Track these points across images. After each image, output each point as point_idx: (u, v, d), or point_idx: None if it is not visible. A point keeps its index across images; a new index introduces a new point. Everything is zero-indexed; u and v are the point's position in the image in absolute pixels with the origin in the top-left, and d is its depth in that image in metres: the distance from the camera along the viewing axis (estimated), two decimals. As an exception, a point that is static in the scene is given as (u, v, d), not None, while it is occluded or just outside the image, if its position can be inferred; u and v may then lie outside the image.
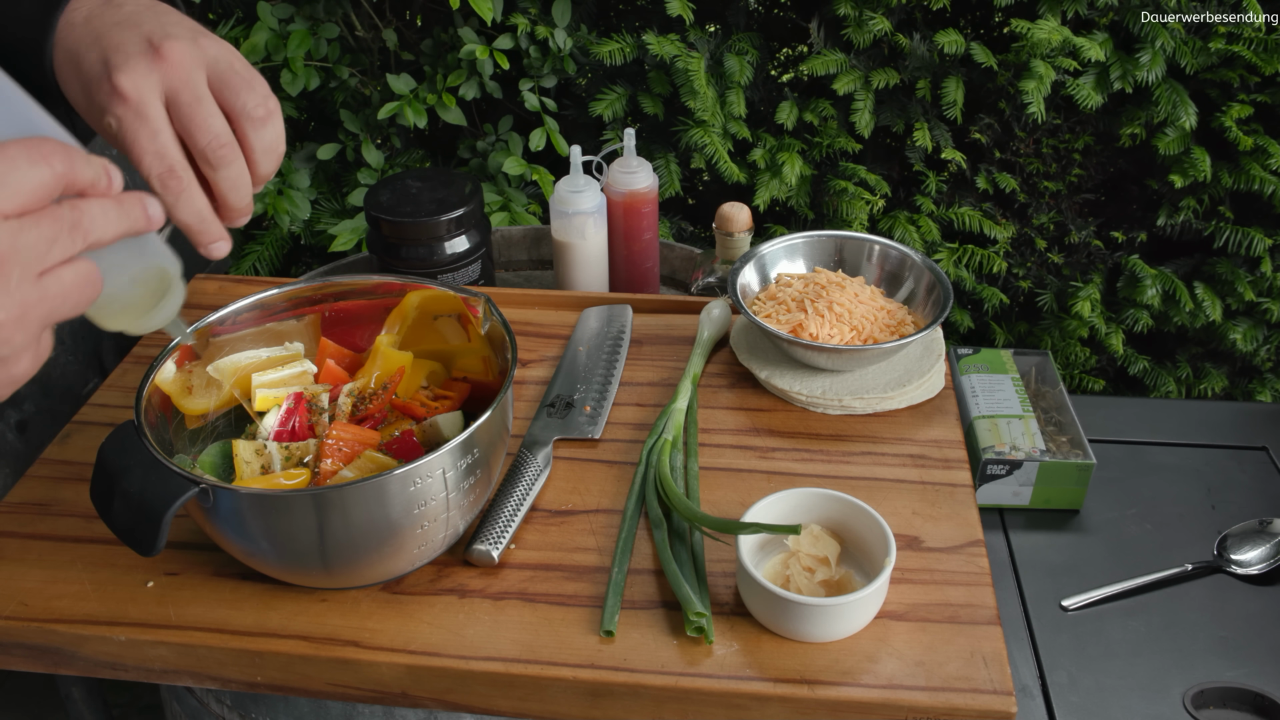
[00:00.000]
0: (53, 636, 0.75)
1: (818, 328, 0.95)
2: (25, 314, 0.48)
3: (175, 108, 0.59)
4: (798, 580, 0.74)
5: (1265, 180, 1.46)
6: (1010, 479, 1.08)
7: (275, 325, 0.85)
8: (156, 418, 0.74)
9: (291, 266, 1.76)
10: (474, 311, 0.83)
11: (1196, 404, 1.30)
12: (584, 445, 0.91)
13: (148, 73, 0.58)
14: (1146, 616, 0.98)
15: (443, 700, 0.73)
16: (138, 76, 0.58)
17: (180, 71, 0.59)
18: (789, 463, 0.89)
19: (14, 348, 0.48)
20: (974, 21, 1.63)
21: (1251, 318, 1.58)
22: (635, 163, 1.15)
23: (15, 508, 0.85)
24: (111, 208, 0.51)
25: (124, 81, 0.57)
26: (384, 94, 1.59)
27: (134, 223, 0.52)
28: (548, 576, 0.78)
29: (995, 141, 1.58)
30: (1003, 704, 0.68)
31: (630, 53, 1.52)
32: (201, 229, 0.61)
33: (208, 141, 0.60)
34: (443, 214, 1.14)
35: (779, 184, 1.54)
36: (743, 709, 0.70)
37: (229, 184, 0.61)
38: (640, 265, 1.20)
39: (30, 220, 0.47)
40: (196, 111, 0.59)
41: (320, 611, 0.75)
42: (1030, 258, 1.64)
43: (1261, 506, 1.10)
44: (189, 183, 0.59)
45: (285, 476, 0.75)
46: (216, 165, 0.61)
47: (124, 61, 0.58)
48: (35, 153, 0.48)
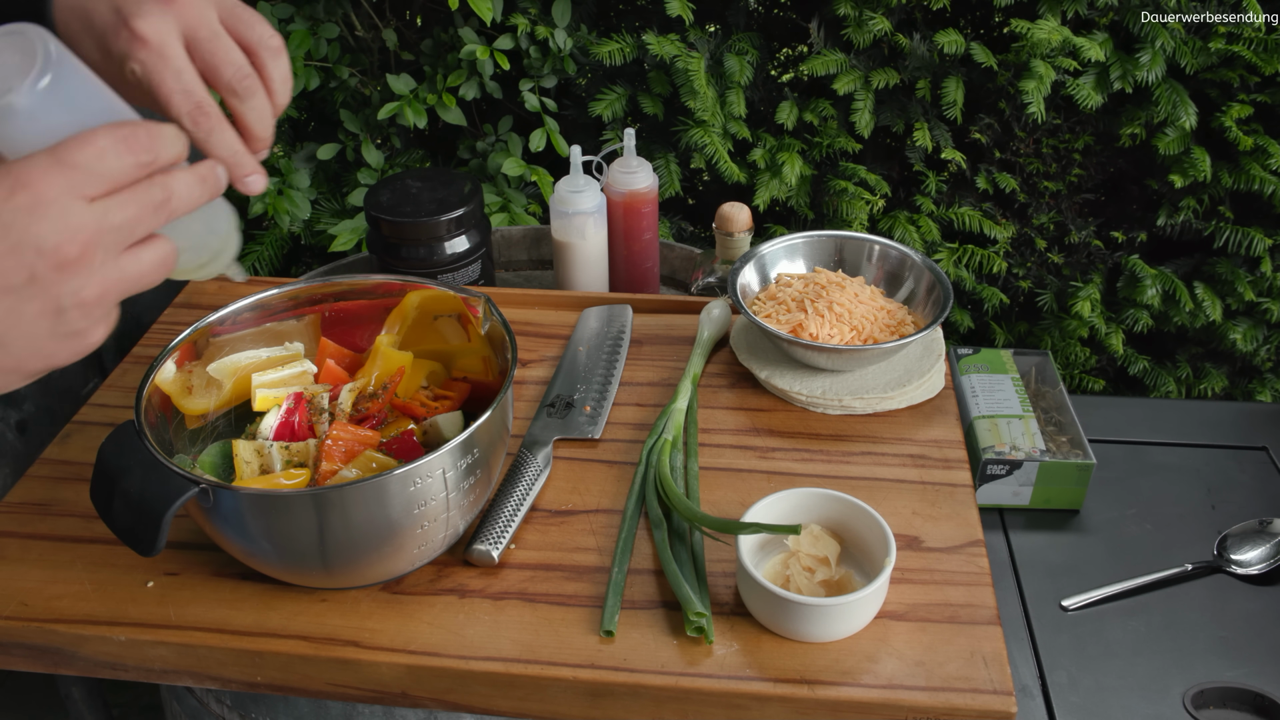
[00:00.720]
0: (53, 636, 0.75)
1: (818, 328, 0.95)
2: (106, 293, 0.51)
3: (195, 44, 0.60)
4: (798, 580, 0.74)
5: (1265, 180, 1.46)
6: (1010, 479, 1.08)
7: (275, 325, 0.85)
8: (156, 418, 0.74)
9: (291, 266, 1.76)
10: (474, 311, 0.83)
11: (1196, 404, 1.30)
12: (584, 445, 0.91)
13: (163, 15, 0.59)
14: (1146, 616, 0.98)
15: (443, 700, 0.73)
16: (155, 19, 0.59)
17: (193, 11, 0.60)
18: (789, 463, 0.89)
19: (92, 320, 0.52)
20: (974, 21, 1.63)
21: (1251, 318, 1.58)
22: (635, 163, 1.15)
23: (15, 508, 0.85)
24: (194, 181, 0.55)
25: (142, 25, 0.58)
26: (384, 94, 1.59)
27: (213, 191, 0.56)
28: (548, 576, 0.78)
29: (995, 141, 1.58)
30: (1003, 704, 0.68)
31: (630, 53, 1.52)
32: (236, 162, 0.62)
33: (232, 73, 0.61)
34: (443, 214, 1.14)
35: (779, 184, 1.54)
36: (743, 709, 0.70)
37: (255, 114, 0.63)
38: (640, 265, 1.20)
39: (117, 202, 0.51)
40: (218, 46, 0.61)
41: (320, 611, 0.75)
42: (1030, 258, 1.64)
43: (1261, 506, 1.10)
44: (218, 117, 0.61)
45: (285, 476, 0.75)
46: (244, 96, 0.62)
47: (138, 8, 0.59)
48: (123, 141, 0.51)
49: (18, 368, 0.52)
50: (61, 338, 0.51)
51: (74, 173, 0.49)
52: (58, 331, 0.51)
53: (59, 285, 0.50)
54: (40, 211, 0.49)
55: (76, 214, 0.49)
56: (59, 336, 0.51)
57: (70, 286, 0.50)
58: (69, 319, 0.51)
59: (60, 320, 0.51)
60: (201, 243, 0.61)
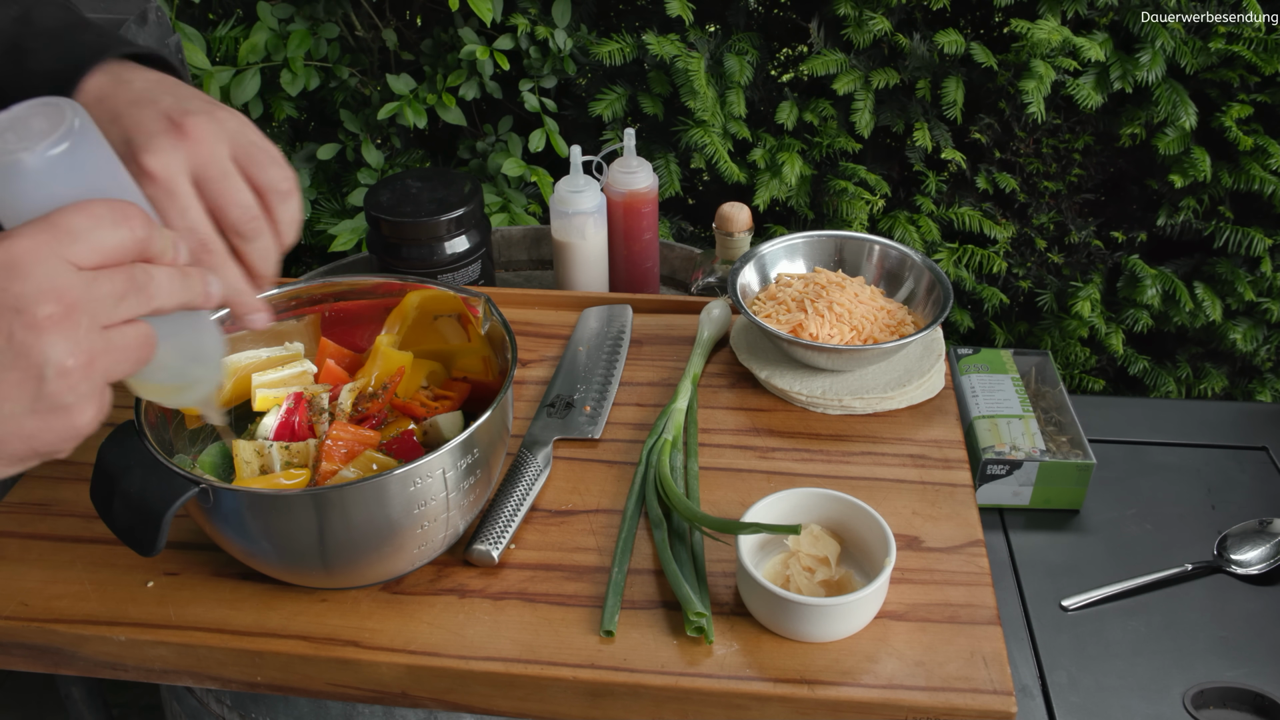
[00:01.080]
0: (53, 636, 0.75)
1: (818, 328, 0.95)
2: (91, 362, 0.48)
3: (204, 183, 0.60)
4: (798, 580, 0.74)
5: (1265, 180, 1.46)
6: (1010, 479, 1.08)
7: (275, 325, 0.85)
8: (156, 418, 0.74)
9: (291, 266, 1.76)
10: (474, 311, 0.83)
11: (1196, 404, 1.30)
12: (584, 445, 0.91)
13: (173, 151, 0.59)
14: (1146, 616, 0.98)
15: (443, 700, 0.73)
16: (164, 155, 0.58)
17: (205, 148, 0.60)
18: (789, 463, 0.89)
19: (79, 396, 0.49)
20: (974, 21, 1.63)
21: (1251, 318, 1.58)
22: (635, 163, 1.15)
23: (15, 508, 0.85)
24: (178, 278, 0.52)
25: (151, 162, 0.58)
26: (384, 94, 1.59)
27: (195, 295, 0.53)
28: (548, 576, 0.78)
29: (995, 141, 1.58)
30: (1003, 704, 0.68)
31: (630, 53, 1.52)
32: (239, 300, 0.62)
33: (238, 214, 0.61)
34: (443, 214, 1.14)
35: (779, 184, 1.54)
36: (743, 709, 0.70)
37: (259, 255, 0.63)
38: (640, 265, 1.20)
39: (105, 275, 0.49)
40: (226, 187, 0.60)
41: (320, 611, 0.75)
42: (1030, 258, 1.64)
43: (1261, 506, 1.10)
44: (222, 255, 0.60)
45: (285, 476, 0.75)
46: (250, 237, 0.62)
47: (148, 141, 0.58)
48: (119, 214, 0.49)
49: None
50: (45, 413, 0.48)
51: (64, 237, 0.47)
52: (40, 405, 0.48)
53: (38, 348, 0.46)
54: (21, 271, 0.46)
55: (61, 275, 0.47)
56: (42, 411, 0.48)
57: (52, 351, 0.47)
58: (52, 390, 0.47)
59: (42, 391, 0.47)
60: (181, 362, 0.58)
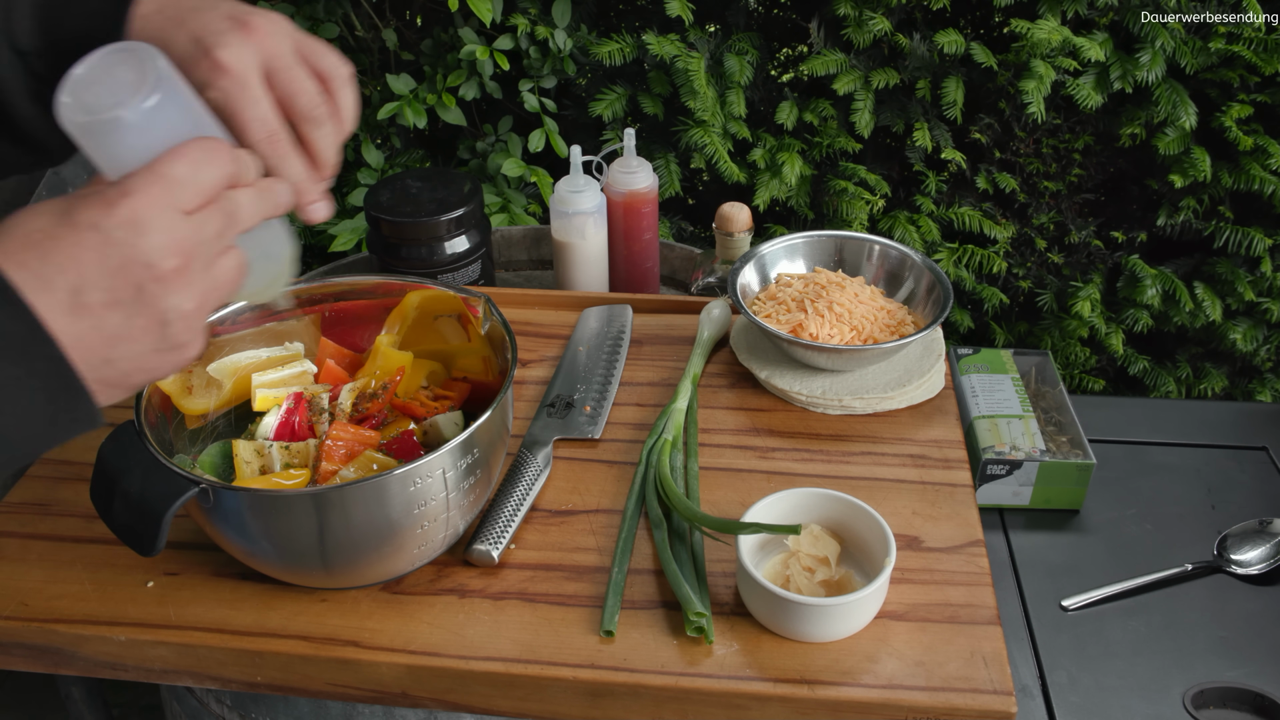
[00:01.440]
0: (53, 636, 0.75)
1: (818, 328, 0.95)
2: (205, 304, 0.53)
3: (273, 74, 0.62)
4: (798, 580, 0.74)
5: (1265, 180, 1.46)
6: (1010, 479, 1.08)
7: (275, 325, 0.85)
8: (156, 418, 0.74)
9: (291, 266, 1.76)
10: (474, 311, 0.83)
11: (1196, 404, 1.30)
12: (584, 445, 0.91)
13: (243, 45, 0.60)
14: (1146, 616, 0.98)
15: (443, 700, 0.73)
16: (236, 49, 0.60)
17: (271, 41, 0.62)
18: (789, 463, 0.89)
19: (194, 332, 0.53)
20: (974, 21, 1.63)
21: (1251, 318, 1.58)
22: (635, 163, 1.15)
23: (15, 508, 0.85)
24: (256, 196, 0.56)
25: (225, 56, 0.60)
26: (384, 94, 1.59)
27: (275, 207, 0.58)
28: (548, 576, 0.78)
29: (995, 141, 1.58)
30: (1003, 704, 0.68)
31: (630, 53, 1.52)
32: (304, 188, 0.63)
33: (307, 101, 0.63)
34: (443, 214, 1.14)
35: (779, 184, 1.54)
36: (743, 709, 0.70)
37: (326, 141, 0.64)
38: (640, 265, 1.20)
39: (207, 215, 0.53)
40: (294, 76, 0.62)
41: (320, 611, 0.75)
42: (1030, 258, 1.64)
43: (1261, 506, 1.10)
44: (289, 145, 0.62)
45: (285, 476, 0.75)
46: (317, 123, 0.64)
47: (218, 38, 0.60)
48: (212, 153, 0.53)
49: (122, 381, 0.52)
50: (165, 350, 0.52)
51: (173, 186, 0.51)
52: (163, 345, 0.52)
53: (164, 298, 0.51)
54: (144, 227, 0.50)
55: (179, 227, 0.51)
56: (163, 350, 0.52)
57: (175, 300, 0.51)
58: (173, 331, 0.52)
59: (165, 333, 0.52)
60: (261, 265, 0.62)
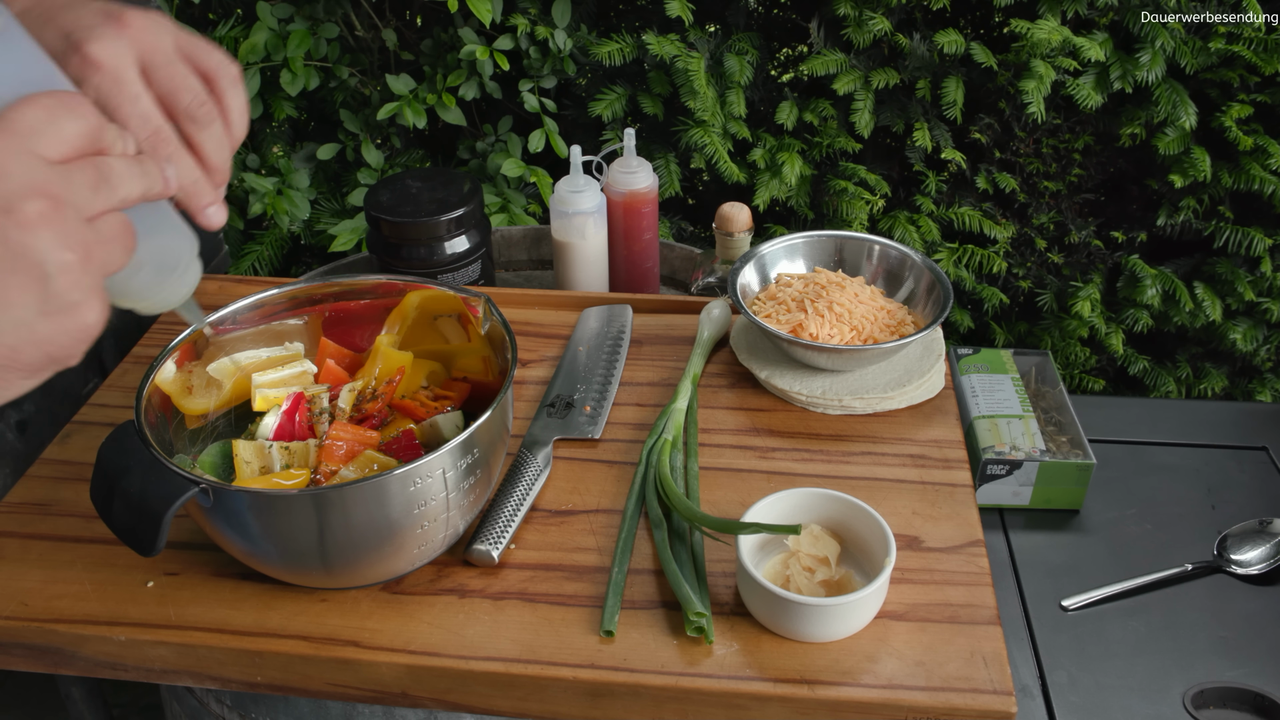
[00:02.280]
0: (53, 636, 0.75)
1: (818, 328, 0.95)
2: (88, 255, 0.48)
3: (151, 70, 0.58)
4: (798, 580, 0.74)
5: (1265, 180, 1.46)
6: (1010, 479, 1.08)
7: (275, 325, 0.85)
8: (156, 418, 0.74)
9: (291, 266, 1.76)
10: (474, 311, 0.83)
11: (1196, 404, 1.30)
12: (584, 445, 0.91)
13: (117, 39, 0.57)
14: (1146, 616, 0.98)
15: (443, 700, 0.73)
16: (109, 42, 0.57)
17: (148, 36, 0.59)
18: (789, 463, 0.89)
19: (84, 291, 0.48)
20: (974, 21, 1.63)
21: (1251, 318, 1.58)
22: (635, 163, 1.15)
23: (15, 508, 0.85)
24: (134, 165, 0.51)
25: (96, 49, 0.57)
26: (384, 94, 1.59)
27: (154, 183, 0.52)
28: (548, 576, 0.78)
29: (995, 141, 1.58)
30: (1003, 704, 0.68)
31: (630, 53, 1.52)
32: (195, 190, 0.60)
33: (190, 100, 0.59)
34: (443, 214, 1.14)
35: (779, 184, 1.54)
36: (743, 709, 0.70)
37: (214, 143, 0.61)
38: (640, 265, 1.20)
39: (75, 166, 0.48)
40: (174, 72, 0.59)
41: (320, 611, 0.75)
42: (1030, 258, 1.64)
43: (1261, 506, 1.10)
44: (176, 144, 0.59)
45: (285, 476, 0.75)
46: (203, 123, 0.60)
47: (90, 33, 0.57)
48: (70, 104, 0.49)
49: (13, 359, 0.47)
50: (54, 314, 0.47)
51: (26, 133, 0.47)
52: (49, 306, 0.47)
53: (36, 246, 0.46)
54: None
55: (38, 171, 0.46)
56: (51, 313, 0.47)
57: (49, 247, 0.46)
58: (57, 288, 0.47)
59: (48, 291, 0.47)
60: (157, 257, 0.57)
